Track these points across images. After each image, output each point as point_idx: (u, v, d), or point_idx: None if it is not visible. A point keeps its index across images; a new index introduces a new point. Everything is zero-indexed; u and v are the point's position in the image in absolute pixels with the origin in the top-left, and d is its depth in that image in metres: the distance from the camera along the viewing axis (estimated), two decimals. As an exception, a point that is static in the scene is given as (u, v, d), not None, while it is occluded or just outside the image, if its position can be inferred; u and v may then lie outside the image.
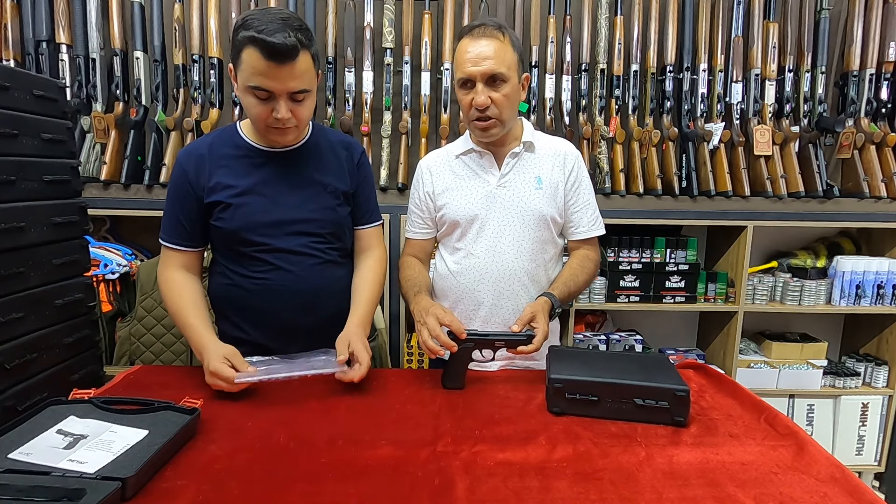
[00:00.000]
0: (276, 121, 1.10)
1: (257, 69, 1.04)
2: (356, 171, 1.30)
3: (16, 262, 1.21)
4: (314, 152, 1.25)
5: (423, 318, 1.16)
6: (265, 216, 1.18)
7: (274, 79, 1.05)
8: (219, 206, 1.18)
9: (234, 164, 1.19)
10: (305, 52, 1.06)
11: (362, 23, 2.12)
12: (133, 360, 1.96)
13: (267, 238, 1.19)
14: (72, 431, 0.85)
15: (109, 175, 2.01)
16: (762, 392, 2.16)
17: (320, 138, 1.27)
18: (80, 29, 2.05)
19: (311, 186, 1.23)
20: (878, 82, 2.19)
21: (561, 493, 0.76)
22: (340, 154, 1.28)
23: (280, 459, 0.84)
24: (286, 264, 1.20)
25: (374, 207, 1.36)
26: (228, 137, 1.22)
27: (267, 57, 1.02)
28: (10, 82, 1.22)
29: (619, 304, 2.20)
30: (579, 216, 1.34)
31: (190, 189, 1.18)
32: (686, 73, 2.18)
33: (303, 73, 1.07)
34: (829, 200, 2.18)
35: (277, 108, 1.08)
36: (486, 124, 1.23)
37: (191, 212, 1.19)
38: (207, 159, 1.18)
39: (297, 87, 1.08)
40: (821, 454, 0.85)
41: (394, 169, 2.14)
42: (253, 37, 1.01)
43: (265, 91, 1.06)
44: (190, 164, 1.18)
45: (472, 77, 1.19)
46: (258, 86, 1.06)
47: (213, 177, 1.18)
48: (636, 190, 2.16)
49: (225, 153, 1.20)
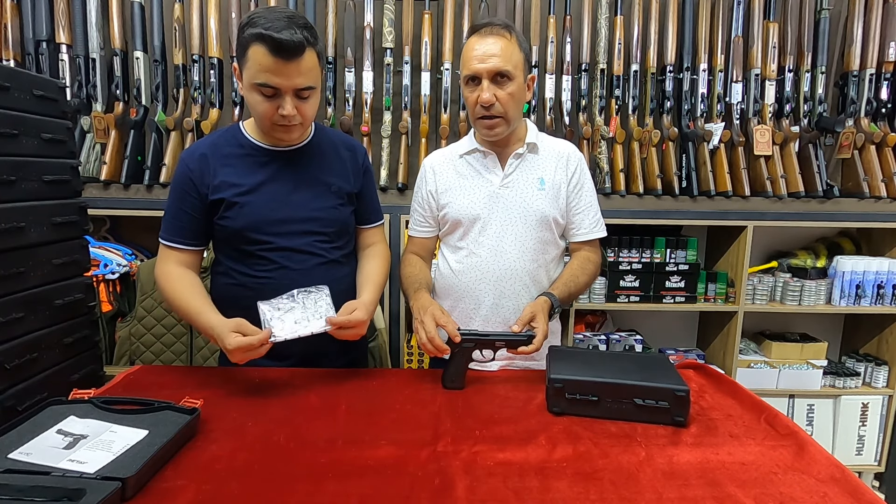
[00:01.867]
0: (281, 118, 1.10)
1: (264, 66, 1.05)
2: (361, 172, 1.32)
3: (16, 262, 1.21)
4: (318, 152, 1.26)
5: (421, 316, 1.17)
6: (271, 214, 1.19)
7: (280, 75, 1.06)
8: (224, 205, 1.18)
9: (239, 163, 1.20)
10: (311, 50, 1.08)
11: (362, 23, 2.12)
12: (133, 360, 1.96)
13: (272, 236, 1.20)
14: (72, 431, 0.85)
15: (109, 175, 2.01)
16: (762, 392, 2.17)
17: (322, 138, 1.28)
18: (80, 29, 2.05)
19: (316, 185, 1.24)
20: (878, 82, 2.19)
21: (561, 493, 0.76)
22: (344, 155, 1.29)
23: (280, 459, 0.84)
24: (291, 263, 1.21)
25: (377, 207, 1.39)
26: (232, 136, 1.23)
27: (274, 53, 1.03)
28: (10, 82, 1.22)
29: (619, 304, 2.20)
30: (581, 218, 1.35)
31: (193, 187, 1.18)
32: (686, 73, 2.18)
33: (309, 69, 1.08)
34: (829, 200, 2.18)
35: (283, 104, 1.09)
36: (492, 122, 1.24)
37: (193, 210, 1.20)
38: (211, 158, 1.19)
39: (303, 84, 1.09)
40: (821, 454, 0.85)
41: (394, 169, 2.14)
42: (260, 34, 1.02)
43: (271, 88, 1.07)
44: (193, 163, 1.19)
45: (478, 74, 1.20)
46: (265, 83, 1.06)
47: (217, 175, 1.18)
48: (636, 190, 2.16)
49: (229, 152, 1.20)
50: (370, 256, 1.36)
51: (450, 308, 1.37)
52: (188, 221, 1.20)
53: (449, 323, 1.13)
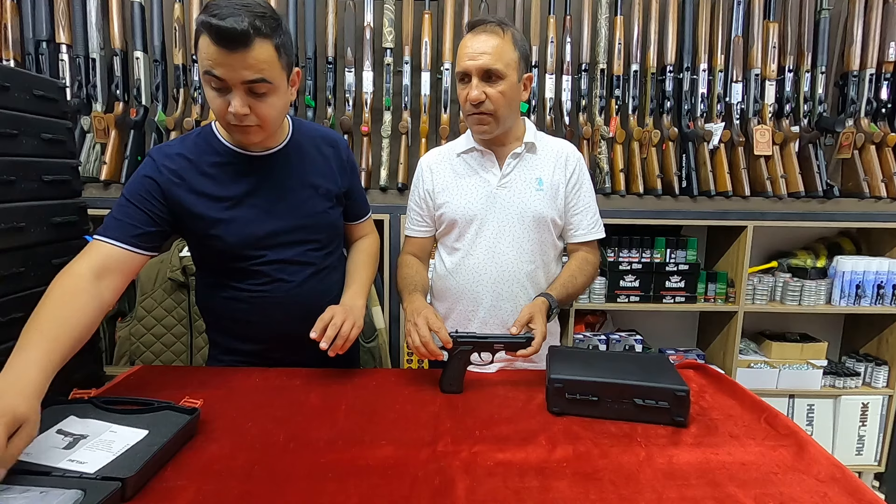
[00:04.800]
0: (233, 116, 1.01)
1: (208, 54, 0.97)
2: (346, 169, 1.27)
3: (16, 262, 1.21)
4: (299, 154, 1.19)
5: (414, 319, 1.15)
6: (259, 228, 1.13)
7: (223, 66, 0.97)
8: (206, 222, 1.10)
9: (218, 174, 1.12)
10: (264, 41, 0.98)
11: (362, 23, 2.12)
12: (133, 360, 1.96)
13: (263, 250, 1.15)
14: (72, 431, 0.85)
15: (109, 175, 2.01)
16: (762, 392, 2.17)
17: (302, 137, 1.21)
18: (80, 29, 2.05)
19: (303, 190, 1.18)
20: (878, 82, 2.19)
21: (561, 493, 0.76)
22: (326, 152, 1.23)
23: (280, 459, 0.84)
24: (284, 275, 1.17)
25: (364, 200, 1.37)
26: (206, 142, 1.14)
27: (216, 41, 0.95)
28: (10, 82, 1.22)
29: (619, 304, 2.20)
30: (579, 219, 1.34)
31: (159, 192, 1.08)
32: (686, 73, 2.19)
33: (259, 62, 0.98)
34: (829, 200, 2.18)
35: (231, 100, 1.00)
36: (481, 119, 1.23)
37: (153, 214, 1.07)
38: (188, 168, 1.10)
39: (249, 77, 0.98)
40: (821, 454, 0.85)
41: (394, 169, 2.14)
42: (203, 20, 0.94)
43: (217, 79, 0.98)
44: (165, 168, 1.09)
45: (468, 71, 1.20)
46: (208, 70, 0.98)
47: (196, 186, 1.10)
48: (636, 190, 2.16)
49: (206, 160, 1.12)
50: (358, 246, 1.35)
51: (447, 310, 1.37)
52: (140, 221, 1.06)
53: (442, 329, 1.11)
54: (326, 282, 1.23)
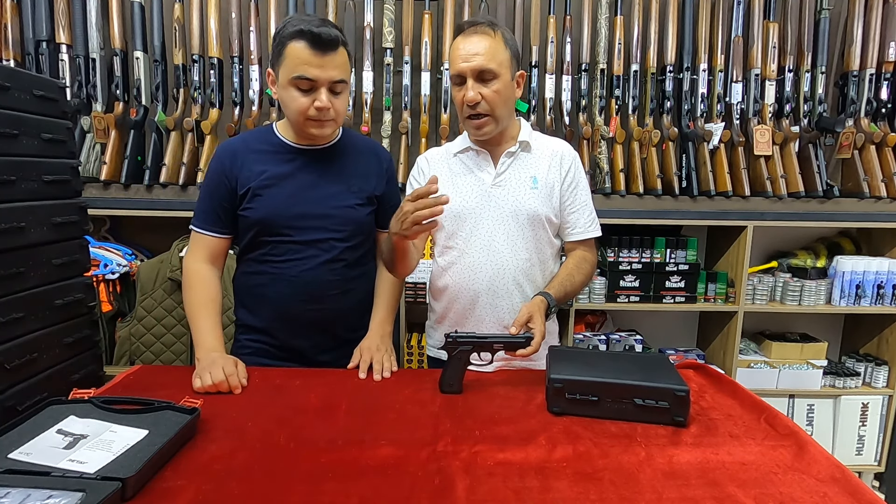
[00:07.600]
0: (316, 111, 1.17)
1: (303, 59, 1.13)
2: (384, 177, 1.37)
3: (16, 262, 1.21)
4: (343, 152, 1.32)
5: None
6: (289, 208, 1.25)
7: (318, 67, 1.14)
8: (249, 194, 1.25)
9: (265, 158, 1.27)
10: (344, 49, 1.18)
11: (362, 23, 2.12)
12: (133, 360, 1.96)
13: (288, 230, 1.25)
14: (72, 431, 0.85)
15: (109, 175, 2.01)
16: (762, 392, 2.17)
17: (349, 140, 1.35)
18: (80, 29, 2.05)
19: (337, 184, 1.29)
20: (878, 82, 2.19)
21: (561, 493, 0.76)
22: (369, 158, 1.36)
23: (280, 459, 0.84)
24: (299, 256, 1.26)
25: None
26: (263, 135, 1.31)
27: (312, 46, 1.12)
28: (10, 82, 1.22)
29: (619, 304, 2.20)
30: (575, 217, 1.34)
31: (225, 179, 1.26)
32: (686, 73, 2.18)
33: (342, 64, 1.18)
34: (829, 200, 2.17)
35: (319, 97, 1.16)
36: (479, 122, 1.24)
37: (223, 200, 1.27)
38: (241, 152, 1.27)
39: (337, 77, 1.16)
40: (821, 454, 0.85)
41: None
42: (300, 30, 1.12)
43: (308, 80, 1.14)
44: (226, 156, 1.27)
45: (462, 73, 1.21)
46: (302, 75, 1.14)
47: (244, 167, 1.25)
48: (636, 190, 2.16)
49: (258, 148, 1.28)
50: (382, 269, 1.40)
51: (445, 308, 1.37)
52: (220, 210, 1.27)
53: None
54: (343, 274, 1.30)
